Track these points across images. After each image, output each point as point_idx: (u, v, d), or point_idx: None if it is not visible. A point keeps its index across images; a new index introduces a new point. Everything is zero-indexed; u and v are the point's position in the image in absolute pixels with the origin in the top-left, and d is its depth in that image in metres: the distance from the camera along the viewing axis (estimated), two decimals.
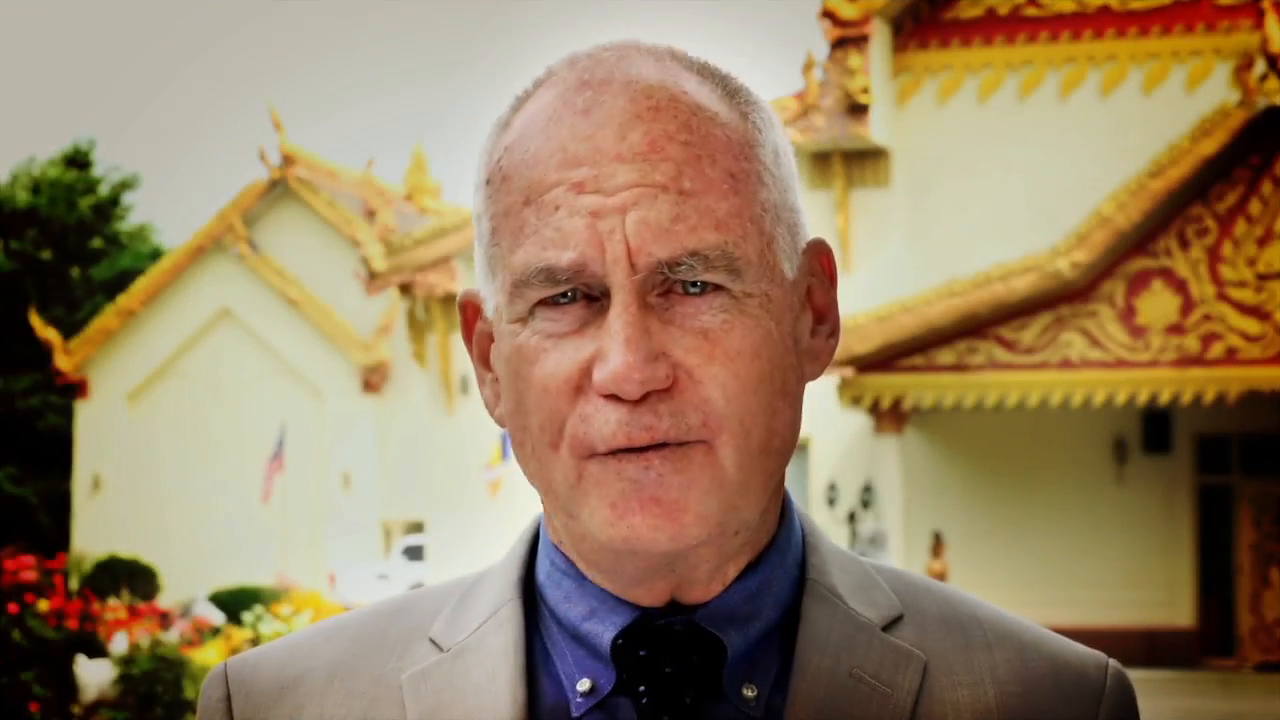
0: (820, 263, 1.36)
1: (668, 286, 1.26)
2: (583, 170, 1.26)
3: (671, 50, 1.33)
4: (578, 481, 1.27)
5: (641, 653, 1.30)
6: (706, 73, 1.33)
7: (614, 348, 1.24)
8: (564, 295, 1.27)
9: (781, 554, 1.35)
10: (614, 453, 1.26)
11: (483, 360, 1.36)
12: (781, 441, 1.30)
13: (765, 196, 1.30)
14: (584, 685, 1.31)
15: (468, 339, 1.38)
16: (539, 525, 1.39)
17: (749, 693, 1.30)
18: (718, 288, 1.27)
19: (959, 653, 1.35)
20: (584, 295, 1.27)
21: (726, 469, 1.27)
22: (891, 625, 1.35)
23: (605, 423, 1.25)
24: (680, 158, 1.26)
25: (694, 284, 1.26)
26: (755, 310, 1.28)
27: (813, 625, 1.33)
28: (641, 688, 1.30)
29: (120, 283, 46.79)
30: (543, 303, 1.27)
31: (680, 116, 1.28)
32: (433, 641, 1.37)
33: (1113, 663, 1.39)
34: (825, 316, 1.36)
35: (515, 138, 1.30)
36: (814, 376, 1.35)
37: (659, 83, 1.29)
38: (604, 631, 1.31)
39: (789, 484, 1.36)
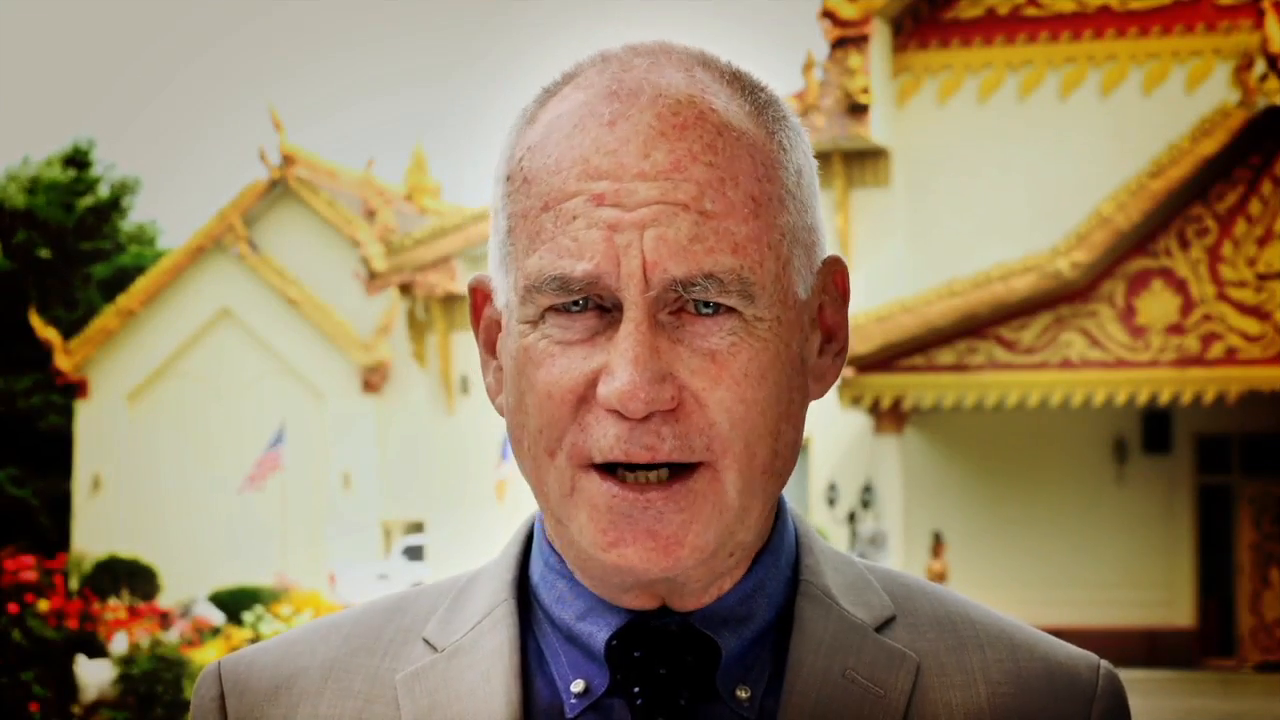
0: (834, 281, 1.35)
1: (679, 306, 1.26)
2: (604, 184, 1.26)
3: (703, 58, 1.32)
4: (570, 492, 1.27)
5: (635, 654, 1.30)
6: (737, 85, 1.31)
7: (621, 365, 1.24)
8: (576, 303, 1.26)
9: (775, 556, 1.35)
10: (610, 470, 1.26)
11: (488, 347, 1.36)
12: (784, 464, 1.30)
13: (785, 220, 1.29)
14: (578, 686, 1.31)
15: (475, 324, 1.37)
16: (533, 525, 1.40)
17: (743, 694, 1.31)
18: (729, 310, 1.26)
19: (951, 653, 1.35)
20: (596, 305, 1.26)
21: (729, 494, 1.27)
22: (884, 626, 1.35)
23: (605, 435, 1.25)
24: (703, 178, 1.26)
25: (706, 305, 1.26)
26: (765, 334, 1.27)
27: (806, 626, 1.33)
28: (635, 689, 1.30)
29: (118, 282, 46.77)
30: (554, 309, 1.27)
31: (706, 136, 1.27)
32: (427, 641, 1.36)
33: (1104, 663, 1.39)
34: (834, 335, 1.36)
35: (539, 139, 1.30)
36: (818, 396, 1.35)
37: (687, 98, 1.28)
38: (598, 632, 1.31)
39: (789, 484, 1.36)
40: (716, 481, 1.26)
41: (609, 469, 1.26)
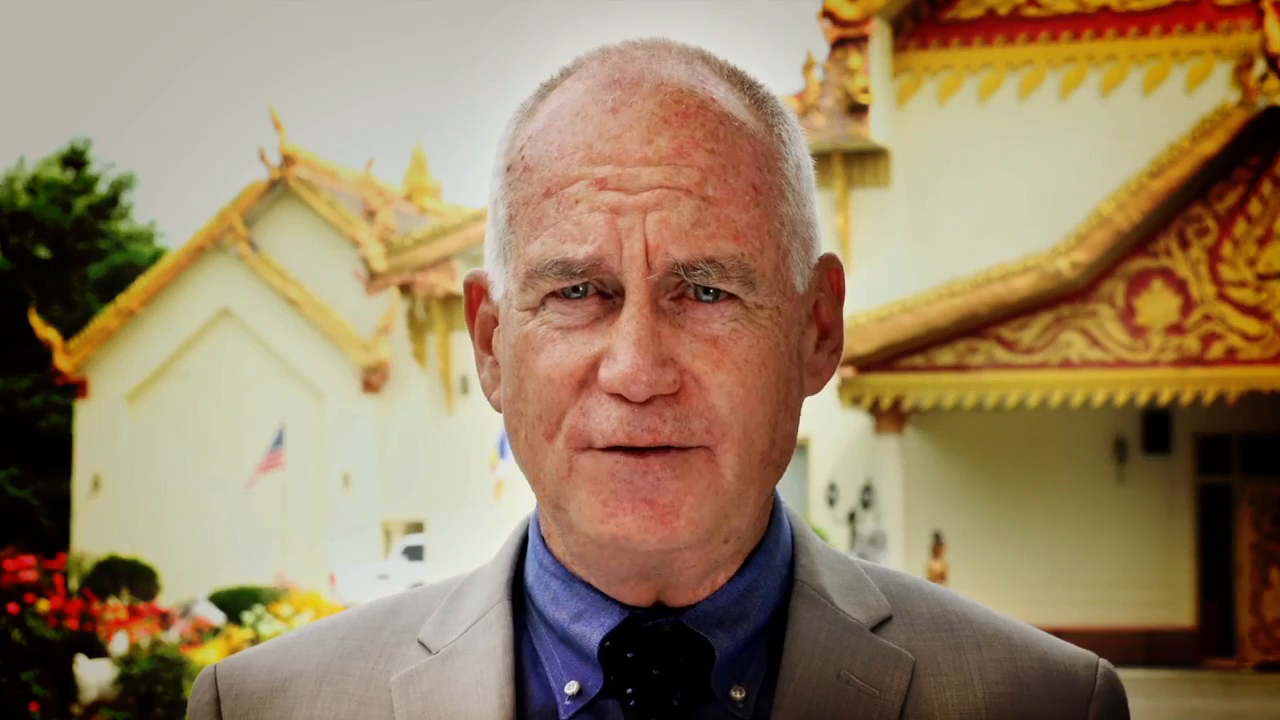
0: (830, 279, 1.36)
1: (681, 291, 1.26)
2: (607, 168, 1.26)
3: (702, 53, 1.33)
4: (568, 474, 1.27)
5: (629, 655, 1.29)
6: (735, 79, 1.33)
7: (624, 348, 1.24)
8: (577, 289, 1.27)
9: (770, 555, 1.35)
10: (610, 450, 1.26)
11: (483, 343, 1.36)
12: (780, 454, 1.30)
13: (784, 210, 1.30)
14: (572, 688, 1.31)
15: (470, 320, 1.37)
16: (527, 526, 1.39)
17: (737, 694, 1.30)
18: (730, 297, 1.27)
19: (948, 653, 1.35)
20: (597, 291, 1.27)
21: (726, 477, 1.27)
22: (880, 626, 1.35)
23: (607, 419, 1.25)
24: (705, 165, 1.27)
25: (707, 291, 1.26)
26: (765, 322, 1.28)
27: (801, 627, 1.32)
28: (629, 690, 1.29)
29: (113, 281, 46.80)
30: (555, 294, 1.27)
31: (708, 124, 1.28)
32: (422, 644, 1.36)
33: (1103, 662, 1.38)
34: (829, 333, 1.36)
35: (540, 128, 1.30)
36: (813, 391, 1.35)
37: (689, 88, 1.29)
38: (592, 634, 1.30)
39: (789, 484, 1.36)
40: (713, 463, 1.26)
41: (607, 449, 1.26)
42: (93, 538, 38.95)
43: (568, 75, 1.33)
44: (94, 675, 16.40)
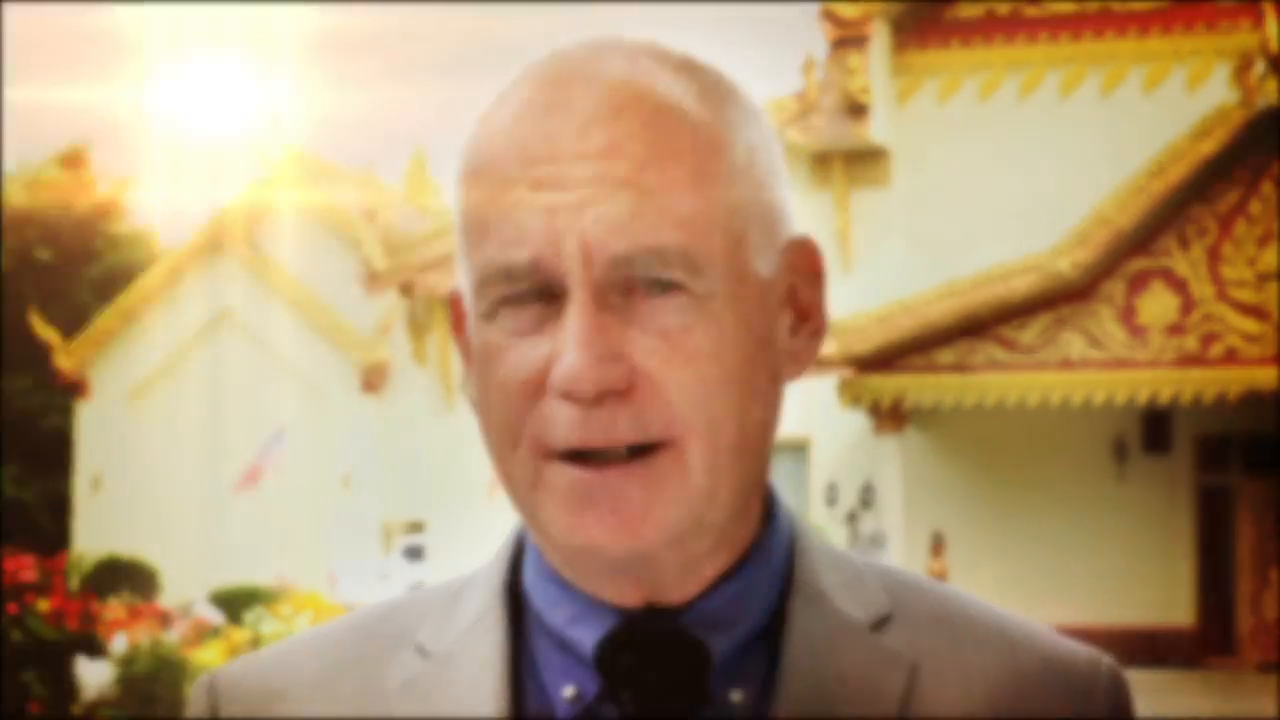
0: (805, 261, 1.33)
1: (629, 287, 1.24)
2: (542, 168, 1.25)
3: (650, 47, 1.31)
4: (535, 482, 1.27)
5: (626, 659, 1.28)
6: (684, 69, 1.30)
7: (568, 347, 1.23)
8: (528, 293, 1.26)
9: (767, 555, 1.33)
10: (572, 456, 1.25)
11: (468, 356, 1.35)
12: (754, 443, 1.28)
13: (734, 195, 1.27)
14: (569, 692, 1.30)
15: (457, 334, 1.37)
16: (525, 528, 1.38)
17: (736, 697, 1.29)
18: (679, 287, 1.24)
19: (949, 652, 1.33)
20: (546, 293, 1.25)
21: (694, 474, 1.25)
22: (880, 625, 1.33)
23: (560, 423, 1.24)
24: (641, 156, 1.25)
25: (656, 285, 1.25)
26: (719, 310, 1.25)
27: (799, 627, 1.31)
28: (627, 694, 1.28)
29: (112, 281, 46.81)
30: (505, 301, 1.26)
31: (643, 115, 1.26)
32: (419, 648, 1.35)
33: (1107, 660, 1.37)
34: (809, 315, 1.34)
35: (486, 136, 1.30)
36: (794, 376, 1.33)
37: (625, 80, 1.27)
38: (588, 637, 1.29)
39: (789, 484, 1.35)
40: (680, 460, 1.25)
41: (571, 457, 1.25)
42: (93, 538, 38.92)
43: (518, 81, 1.32)
44: (94, 675, 16.39)
